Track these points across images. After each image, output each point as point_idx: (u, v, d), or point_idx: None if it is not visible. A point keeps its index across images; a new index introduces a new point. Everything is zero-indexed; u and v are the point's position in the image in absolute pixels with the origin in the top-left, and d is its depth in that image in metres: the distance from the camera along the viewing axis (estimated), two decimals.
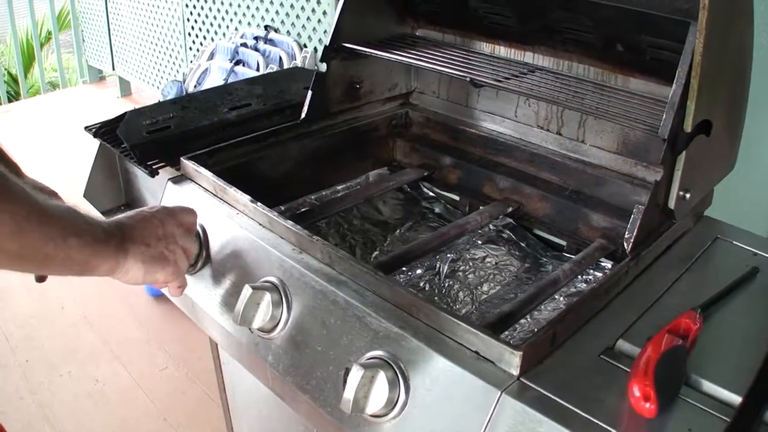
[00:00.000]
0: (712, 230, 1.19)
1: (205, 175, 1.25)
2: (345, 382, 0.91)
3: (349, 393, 0.87)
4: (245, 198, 1.18)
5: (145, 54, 5.08)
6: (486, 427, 0.81)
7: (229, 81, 3.30)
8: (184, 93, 3.57)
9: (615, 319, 0.95)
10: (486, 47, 1.50)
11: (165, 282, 1.09)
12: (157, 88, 4.94)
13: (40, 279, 1.42)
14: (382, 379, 0.87)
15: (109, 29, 5.52)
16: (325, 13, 3.21)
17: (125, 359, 2.87)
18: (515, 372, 0.83)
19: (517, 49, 1.44)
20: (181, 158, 1.31)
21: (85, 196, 1.46)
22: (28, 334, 3.01)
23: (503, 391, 0.81)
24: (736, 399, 0.80)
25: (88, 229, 0.95)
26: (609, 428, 0.76)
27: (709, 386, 0.83)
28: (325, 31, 3.25)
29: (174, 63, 4.73)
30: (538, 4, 1.30)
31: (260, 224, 1.16)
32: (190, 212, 1.12)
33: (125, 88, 5.82)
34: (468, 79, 1.28)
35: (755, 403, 0.77)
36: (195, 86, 3.54)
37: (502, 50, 1.47)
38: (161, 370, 2.82)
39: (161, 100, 3.46)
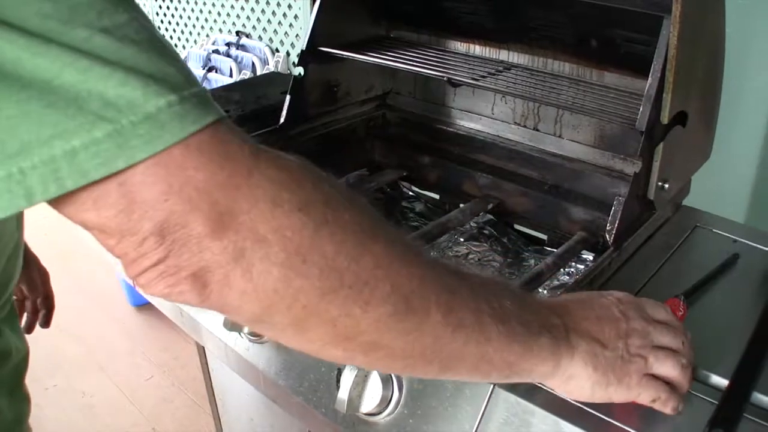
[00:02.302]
0: (691, 219, 1.21)
1: None
2: (338, 382, 0.92)
3: (343, 393, 0.87)
4: None
5: None
6: (480, 419, 0.82)
7: None
8: None
9: None
10: (461, 46, 1.51)
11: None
12: None
13: (29, 330, 1.42)
14: (375, 377, 0.88)
15: None
16: (296, 17, 3.21)
17: (111, 370, 2.87)
18: None
19: (492, 47, 1.45)
20: None
21: None
22: None
23: (495, 384, 0.82)
24: (723, 382, 0.82)
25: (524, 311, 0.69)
26: (600, 415, 0.77)
27: (697, 371, 0.85)
28: (297, 35, 3.25)
29: None
30: (513, 2, 1.31)
31: None
32: (662, 308, 0.82)
33: None
34: (445, 78, 1.30)
35: (742, 386, 0.78)
36: None
37: (477, 49, 1.48)
38: (147, 380, 2.82)
39: None
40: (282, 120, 1.45)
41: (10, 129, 0.46)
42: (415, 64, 1.38)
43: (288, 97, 1.45)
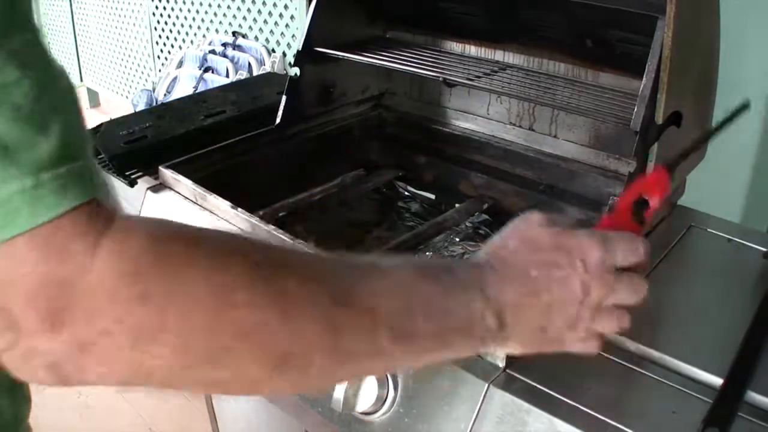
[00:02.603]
0: (686, 219, 1.21)
1: (183, 182, 1.26)
2: None
3: (338, 392, 0.87)
4: (225, 204, 1.18)
5: (113, 64, 5.05)
6: (475, 418, 0.82)
7: (198, 88, 3.30)
8: (154, 102, 3.56)
9: None
10: (457, 47, 1.51)
11: None
12: (126, 97, 4.91)
13: None
14: (371, 377, 0.89)
15: (75, 40, 5.48)
16: (292, 17, 3.21)
17: None
18: (501, 364, 0.85)
19: (487, 47, 1.45)
20: (159, 167, 1.31)
21: None
22: None
23: (490, 383, 0.83)
24: (718, 381, 0.82)
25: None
26: (597, 414, 0.77)
27: (689, 369, 0.85)
28: (293, 36, 3.25)
29: (143, 72, 4.70)
30: (509, 3, 1.31)
31: (242, 230, 1.16)
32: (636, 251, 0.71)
33: (94, 98, 5.77)
34: (441, 78, 1.30)
35: (737, 385, 0.79)
36: (165, 95, 3.53)
37: (472, 49, 1.48)
38: None
39: (132, 110, 3.46)
40: (278, 120, 1.46)
41: None
42: (410, 64, 1.38)
43: (284, 98, 1.46)
